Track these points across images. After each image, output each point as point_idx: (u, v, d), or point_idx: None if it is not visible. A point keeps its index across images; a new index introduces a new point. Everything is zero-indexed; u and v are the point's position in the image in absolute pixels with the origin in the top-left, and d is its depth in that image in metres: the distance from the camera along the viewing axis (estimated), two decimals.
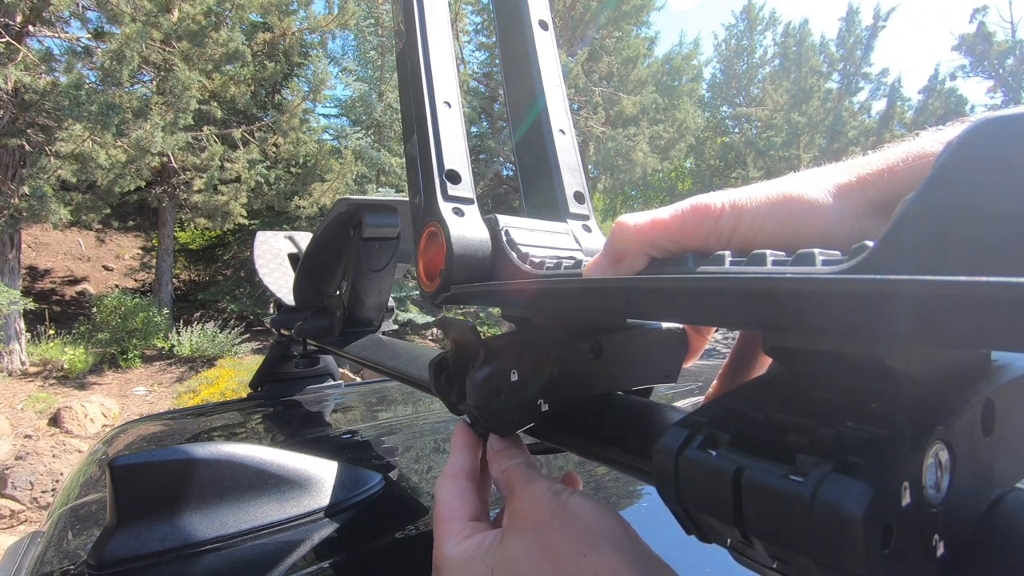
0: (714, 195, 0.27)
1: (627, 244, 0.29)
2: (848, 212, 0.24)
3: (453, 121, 0.48)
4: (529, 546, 0.30)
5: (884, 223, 0.24)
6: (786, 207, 0.25)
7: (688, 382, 1.13)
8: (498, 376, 0.35)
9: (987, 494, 0.24)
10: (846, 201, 0.25)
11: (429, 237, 0.45)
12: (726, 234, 0.26)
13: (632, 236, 0.28)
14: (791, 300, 0.19)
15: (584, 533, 0.29)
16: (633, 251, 0.28)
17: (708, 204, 0.26)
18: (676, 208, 0.28)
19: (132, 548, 0.49)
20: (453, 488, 0.38)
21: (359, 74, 12.04)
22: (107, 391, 7.01)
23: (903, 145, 0.24)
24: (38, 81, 5.92)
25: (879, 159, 0.25)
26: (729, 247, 0.26)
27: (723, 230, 0.26)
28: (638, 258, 0.29)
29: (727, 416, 0.24)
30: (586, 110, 12.61)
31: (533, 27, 0.55)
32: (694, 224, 0.27)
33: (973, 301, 0.15)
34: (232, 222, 8.77)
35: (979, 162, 0.17)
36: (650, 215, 0.28)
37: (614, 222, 0.29)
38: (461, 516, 0.36)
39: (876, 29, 16.49)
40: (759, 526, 0.21)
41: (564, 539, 0.29)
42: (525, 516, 0.32)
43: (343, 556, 0.52)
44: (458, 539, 0.35)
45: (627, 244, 0.29)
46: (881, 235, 0.18)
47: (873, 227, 0.24)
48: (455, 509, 0.37)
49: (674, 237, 0.27)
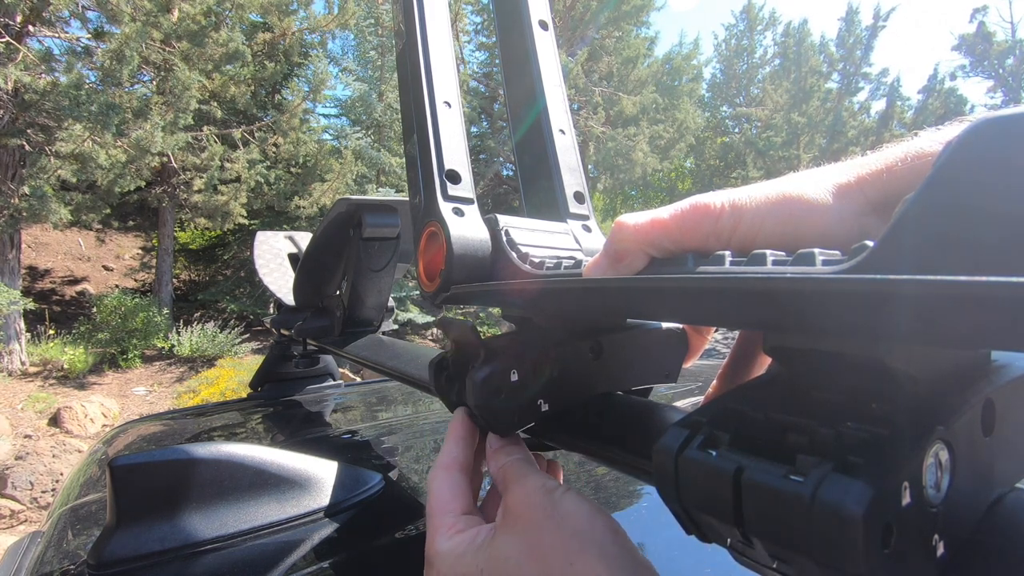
0: (714, 195, 0.27)
1: (627, 244, 0.29)
2: (848, 212, 0.24)
3: (453, 121, 0.48)
4: (519, 547, 0.30)
5: (884, 223, 0.24)
6: (786, 207, 0.25)
7: (688, 382, 1.13)
8: (498, 376, 0.35)
9: (987, 494, 0.24)
10: (846, 201, 0.25)
11: (429, 237, 0.45)
12: (726, 234, 0.26)
13: (632, 236, 0.28)
14: (791, 300, 0.19)
15: (572, 536, 0.29)
16: (633, 251, 0.28)
17: (708, 204, 0.26)
18: (676, 208, 0.28)
19: (132, 548, 0.49)
20: (447, 480, 0.37)
21: (359, 74, 12.05)
22: (107, 391, 7.01)
23: (902, 145, 0.24)
24: (38, 81, 5.92)
25: (878, 159, 0.25)
26: (729, 247, 0.26)
27: (723, 230, 0.26)
28: (638, 258, 0.29)
29: (727, 416, 0.24)
30: (586, 110, 12.61)
31: (533, 27, 0.55)
32: (694, 224, 0.27)
33: (973, 301, 0.15)
34: (232, 222, 8.77)
35: (979, 162, 0.17)
36: (650, 215, 0.28)
37: (614, 222, 0.29)
38: (454, 509, 0.36)
39: (876, 29, 16.50)
40: (759, 526, 0.21)
41: (553, 542, 0.29)
42: (517, 514, 0.32)
43: (343, 556, 0.52)
44: (450, 533, 0.34)
45: (627, 244, 0.29)
46: (881, 235, 0.18)
47: (873, 227, 0.24)
48: (447, 502, 0.36)
49: (674, 237, 0.27)
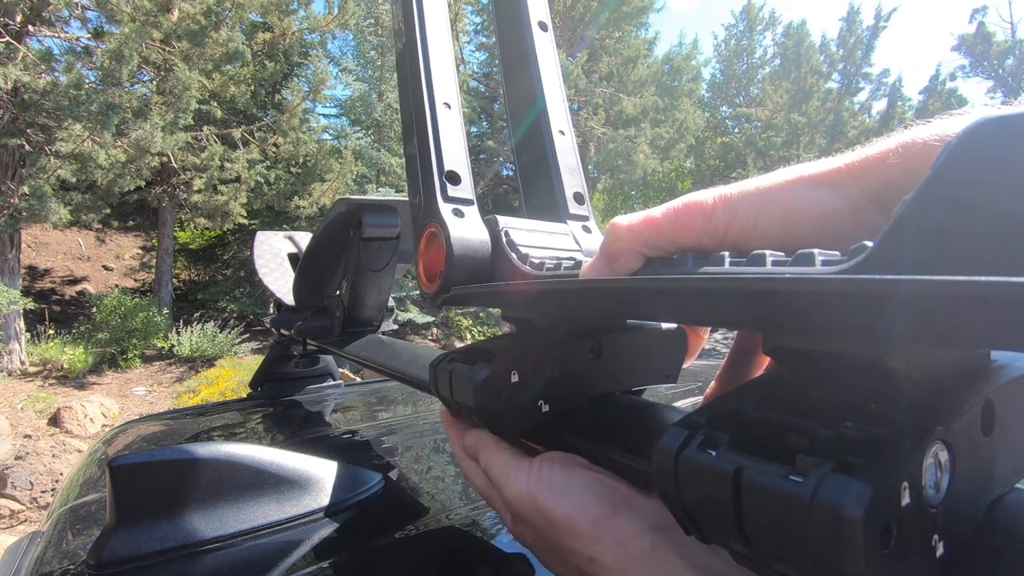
0: (707, 192, 0.27)
1: (621, 244, 0.29)
2: (844, 204, 0.24)
3: (453, 122, 0.48)
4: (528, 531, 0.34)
5: (881, 215, 0.24)
6: (780, 201, 0.25)
7: (688, 382, 1.13)
8: (499, 378, 0.35)
9: (987, 494, 0.24)
10: (842, 193, 0.24)
11: (429, 238, 0.45)
12: (720, 231, 0.26)
13: (626, 236, 0.28)
14: (791, 300, 0.19)
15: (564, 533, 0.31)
16: (627, 251, 0.29)
17: (700, 201, 0.26)
18: (668, 206, 0.28)
19: (132, 548, 0.48)
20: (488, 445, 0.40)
21: (359, 74, 12.04)
22: (107, 391, 7.01)
23: (895, 136, 0.24)
24: (38, 81, 5.92)
25: (872, 150, 0.24)
26: (724, 245, 0.25)
27: (717, 227, 0.26)
28: (632, 258, 0.29)
29: (727, 416, 0.24)
30: (586, 111, 12.61)
31: (533, 28, 0.55)
32: (687, 222, 0.27)
33: (973, 301, 0.15)
34: (232, 222, 8.76)
35: (978, 161, 0.17)
36: (643, 214, 0.28)
37: (609, 223, 0.30)
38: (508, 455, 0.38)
39: (877, 29, 16.50)
40: (759, 526, 0.21)
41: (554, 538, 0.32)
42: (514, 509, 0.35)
43: (343, 556, 0.52)
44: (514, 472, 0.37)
45: (621, 244, 0.29)
46: (880, 235, 0.18)
47: (869, 219, 0.24)
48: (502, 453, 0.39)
49: (667, 236, 0.27)
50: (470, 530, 0.55)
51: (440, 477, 0.73)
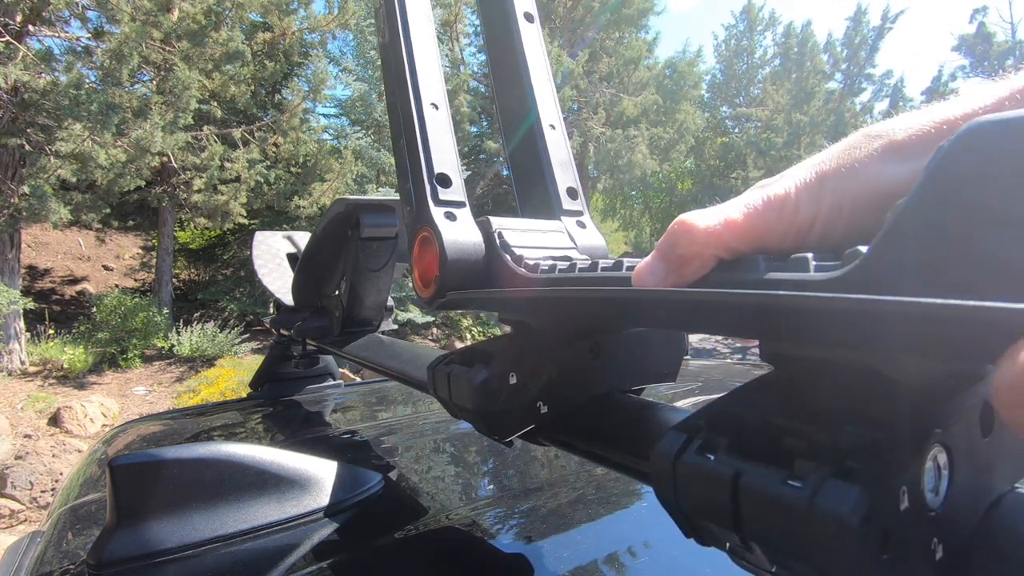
0: (780, 181, 0.24)
1: (697, 248, 0.25)
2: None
3: (441, 124, 0.47)
4: None
5: None
6: (869, 180, 0.22)
7: (688, 382, 1.13)
8: (497, 379, 0.35)
9: (986, 495, 0.24)
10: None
11: (422, 242, 0.44)
12: (806, 226, 0.24)
13: (703, 239, 0.25)
14: (778, 314, 0.19)
15: None
16: (704, 255, 0.25)
17: (781, 194, 0.24)
18: (747, 204, 0.25)
19: (132, 548, 0.48)
20: None
21: (359, 74, 12.03)
22: (107, 391, 7.01)
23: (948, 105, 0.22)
24: (38, 81, 5.91)
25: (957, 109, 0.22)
26: (808, 241, 0.24)
27: (803, 223, 0.24)
28: (708, 262, 0.26)
29: (725, 420, 0.24)
30: (586, 111, 12.60)
31: (518, 19, 0.53)
32: (772, 221, 0.24)
33: (963, 322, 0.15)
34: (232, 222, 8.76)
35: (973, 164, 0.17)
36: (721, 215, 0.25)
37: (673, 222, 0.26)
38: None
39: (883, 30, 16.48)
40: (757, 531, 0.20)
41: None
42: None
43: (343, 556, 0.52)
44: None
45: (697, 248, 0.25)
46: (874, 240, 0.18)
47: None
48: None
49: (747, 238, 0.24)
50: (470, 530, 0.55)
51: (440, 477, 0.73)
